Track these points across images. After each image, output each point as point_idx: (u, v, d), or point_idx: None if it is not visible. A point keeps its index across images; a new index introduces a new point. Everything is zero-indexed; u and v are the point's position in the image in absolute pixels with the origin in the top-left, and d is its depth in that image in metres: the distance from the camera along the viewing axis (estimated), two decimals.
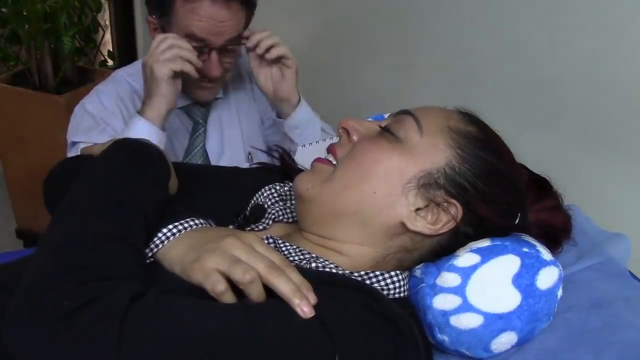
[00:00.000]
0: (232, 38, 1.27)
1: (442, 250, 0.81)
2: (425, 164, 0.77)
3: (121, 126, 1.29)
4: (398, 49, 1.81)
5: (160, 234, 0.73)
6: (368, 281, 0.75)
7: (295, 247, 0.78)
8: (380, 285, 0.76)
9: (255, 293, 0.66)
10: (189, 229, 0.74)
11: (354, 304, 0.68)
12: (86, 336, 0.58)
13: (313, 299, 0.65)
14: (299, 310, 0.63)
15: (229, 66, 1.33)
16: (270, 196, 0.91)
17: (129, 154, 0.79)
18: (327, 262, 0.76)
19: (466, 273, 0.78)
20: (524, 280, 0.78)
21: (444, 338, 0.80)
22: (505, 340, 0.80)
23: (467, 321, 0.78)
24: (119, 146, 0.80)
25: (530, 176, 0.90)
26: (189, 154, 1.42)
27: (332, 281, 0.72)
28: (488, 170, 0.79)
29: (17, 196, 2.24)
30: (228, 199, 0.91)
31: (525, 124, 1.48)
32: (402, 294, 0.78)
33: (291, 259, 0.77)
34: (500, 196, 0.79)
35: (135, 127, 1.17)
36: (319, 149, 1.21)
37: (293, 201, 0.91)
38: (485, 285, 0.78)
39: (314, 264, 0.75)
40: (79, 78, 2.17)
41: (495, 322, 0.78)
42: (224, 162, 1.42)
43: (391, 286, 0.76)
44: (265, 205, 0.90)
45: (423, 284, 0.80)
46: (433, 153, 0.78)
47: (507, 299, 0.78)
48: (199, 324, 0.62)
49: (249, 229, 0.86)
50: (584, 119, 1.40)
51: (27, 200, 2.15)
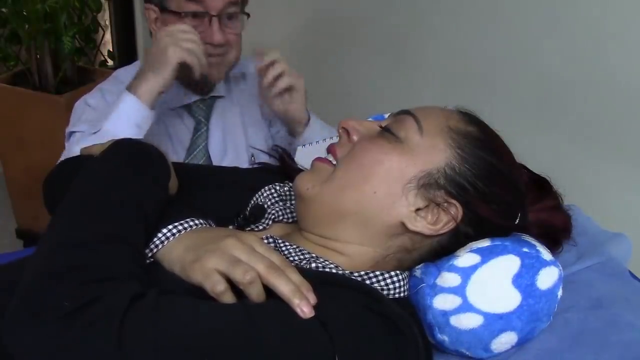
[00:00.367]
0: (230, 2, 1.27)
1: (442, 250, 0.81)
2: (425, 164, 0.77)
3: None
4: (398, 48, 1.81)
5: (160, 234, 0.73)
6: (368, 281, 0.75)
7: (295, 247, 0.78)
8: (380, 286, 0.76)
9: (255, 293, 0.66)
10: (189, 229, 0.74)
11: (353, 304, 0.68)
12: (86, 336, 0.58)
13: (313, 299, 0.65)
14: (298, 310, 0.63)
15: (232, 37, 1.31)
16: (270, 196, 0.91)
17: (128, 154, 0.79)
18: (327, 262, 0.76)
19: (466, 273, 0.78)
20: (524, 281, 0.78)
21: (444, 338, 0.80)
22: (505, 340, 0.79)
23: (467, 321, 0.78)
24: (119, 146, 0.80)
25: (530, 176, 0.90)
26: (191, 153, 1.41)
27: (332, 281, 0.72)
28: (488, 170, 0.79)
29: (17, 196, 2.24)
30: (228, 199, 0.91)
31: (526, 124, 1.48)
32: (402, 294, 0.78)
33: (291, 258, 0.77)
34: (501, 196, 0.79)
35: (123, 103, 1.17)
36: (319, 149, 1.21)
37: (293, 201, 0.91)
38: (486, 285, 0.78)
39: (313, 264, 0.75)
40: (79, 78, 2.17)
41: (496, 322, 0.78)
42: (227, 163, 1.41)
43: (391, 286, 0.76)
44: (265, 206, 0.89)
45: (423, 284, 0.80)
46: (433, 153, 0.78)
47: (507, 299, 0.78)
48: (199, 324, 0.62)
49: (248, 229, 0.86)
50: (585, 120, 1.40)
51: (27, 200, 2.14)
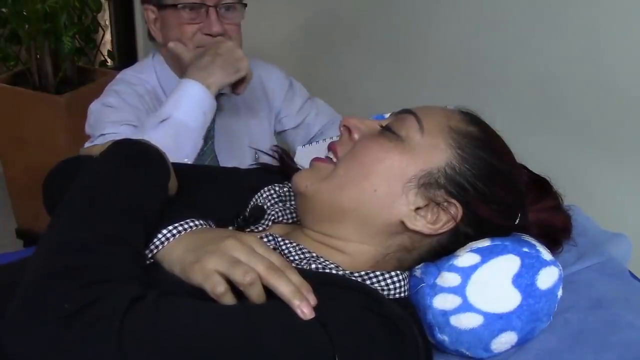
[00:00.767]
0: None
1: (442, 250, 0.81)
2: (425, 163, 0.77)
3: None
4: (398, 48, 1.81)
5: (160, 235, 0.73)
6: (368, 281, 0.75)
7: (295, 245, 0.78)
8: (381, 286, 0.76)
9: (255, 294, 0.66)
10: (189, 230, 0.74)
11: (354, 304, 0.68)
12: (86, 338, 0.58)
13: (313, 300, 0.65)
14: (298, 311, 0.63)
15: (231, 28, 1.31)
16: (270, 197, 0.91)
17: (128, 155, 0.78)
18: (328, 263, 0.76)
19: (466, 273, 0.78)
20: (524, 280, 0.78)
21: (444, 338, 0.80)
22: (505, 340, 0.79)
23: (467, 321, 0.78)
24: (119, 147, 0.80)
25: (530, 176, 0.90)
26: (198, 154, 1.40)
27: (332, 282, 0.72)
28: (488, 170, 0.79)
29: (17, 196, 2.24)
30: (228, 199, 0.90)
31: (526, 124, 1.47)
32: (403, 294, 0.78)
33: (291, 258, 0.77)
34: (500, 196, 0.79)
35: (192, 91, 1.18)
36: (319, 149, 1.21)
37: (293, 202, 0.91)
38: (486, 285, 0.78)
39: (313, 265, 0.75)
40: (79, 78, 2.16)
41: (495, 322, 0.78)
42: (233, 160, 1.39)
43: (391, 286, 0.76)
44: (265, 206, 0.89)
45: (423, 284, 0.80)
46: (434, 153, 0.78)
47: (507, 299, 0.78)
48: (199, 325, 0.62)
49: (248, 230, 0.86)
50: (584, 119, 1.40)
51: (27, 200, 2.14)
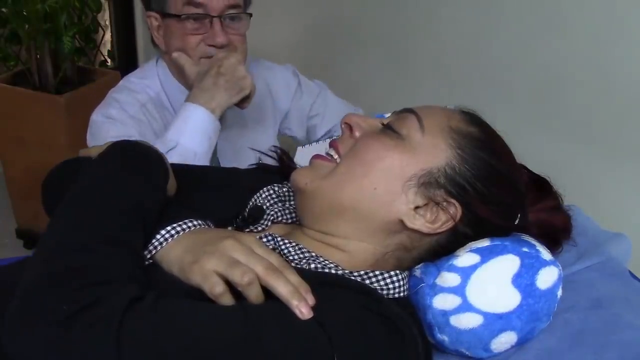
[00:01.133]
0: (232, 5, 1.27)
1: (442, 250, 0.81)
2: (426, 162, 0.77)
3: (151, 135, 1.26)
4: (399, 49, 1.81)
5: (158, 236, 0.73)
6: (367, 281, 0.75)
7: (294, 245, 0.78)
8: (380, 285, 0.76)
9: (254, 295, 0.66)
10: (188, 230, 0.74)
11: (353, 304, 0.68)
12: (85, 339, 0.58)
13: (311, 300, 0.65)
14: (297, 311, 0.63)
15: (236, 38, 1.30)
16: (269, 197, 0.91)
17: (127, 156, 0.78)
18: (327, 262, 0.76)
19: (466, 273, 0.78)
20: (523, 280, 0.78)
21: (444, 338, 0.80)
22: (505, 340, 0.79)
23: (467, 321, 0.78)
24: (117, 148, 0.80)
25: (530, 176, 0.90)
26: None
27: (331, 282, 0.72)
28: (488, 171, 0.79)
29: (17, 196, 2.24)
30: (227, 199, 0.90)
31: (526, 124, 1.47)
32: (402, 294, 0.78)
33: (290, 257, 0.77)
34: (500, 197, 0.79)
35: (196, 117, 1.19)
36: (319, 149, 1.21)
37: (292, 202, 0.91)
38: (485, 285, 0.78)
39: (312, 265, 0.75)
40: (79, 78, 2.16)
41: (495, 322, 0.78)
42: (236, 165, 1.39)
43: (390, 286, 0.76)
44: (264, 207, 0.89)
45: (423, 284, 0.80)
46: (434, 152, 0.78)
47: (507, 299, 0.78)
48: (197, 326, 0.62)
49: (247, 230, 0.86)
50: (584, 119, 1.40)
51: (27, 200, 2.14)
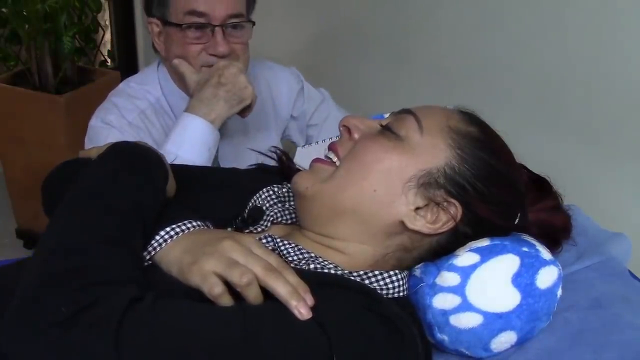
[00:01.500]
0: (234, 14, 1.26)
1: (442, 249, 0.81)
2: (425, 163, 0.77)
3: (149, 143, 1.26)
4: (397, 48, 1.81)
5: (158, 237, 0.73)
6: (367, 281, 0.75)
7: (294, 246, 0.78)
8: (380, 285, 0.76)
9: (253, 295, 0.66)
10: (187, 231, 0.74)
11: (352, 304, 0.68)
12: (84, 341, 0.58)
13: (310, 300, 0.65)
14: (296, 312, 0.63)
15: (238, 47, 1.29)
16: (269, 198, 0.91)
17: (126, 157, 0.78)
18: (326, 263, 0.76)
19: (466, 272, 0.78)
20: (523, 280, 0.78)
21: (444, 337, 0.80)
22: (504, 339, 0.79)
23: (467, 320, 0.78)
24: (117, 149, 0.80)
25: (530, 176, 0.90)
26: None
27: (331, 282, 0.72)
28: (487, 171, 0.79)
29: (17, 196, 2.24)
30: (226, 200, 0.90)
31: (526, 124, 1.47)
32: (402, 294, 0.78)
33: (290, 258, 0.77)
34: (500, 197, 0.79)
35: (195, 129, 1.19)
36: (319, 150, 1.21)
37: (292, 202, 0.91)
38: (485, 284, 0.78)
39: (312, 265, 0.75)
40: (79, 78, 2.16)
41: (495, 322, 0.78)
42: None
43: (390, 286, 0.76)
44: (264, 207, 0.89)
45: (423, 284, 0.80)
46: (433, 153, 0.78)
47: (507, 299, 0.78)
48: (197, 327, 0.62)
49: (247, 231, 0.86)
50: (584, 119, 1.40)
51: (27, 200, 2.14)
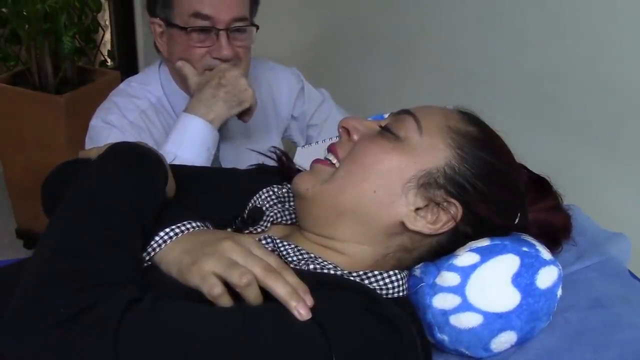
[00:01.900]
0: (239, 18, 1.26)
1: (442, 249, 0.81)
2: (425, 163, 0.77)
3: (150, 142, 1.25)
4: (397, 49, 1.81)
5: (157, 237, 0.73)
6: (366, 281, 0.75)
7: (294, 247, 0.78)
8: (379, 285, 0.76)
9: (252, 296, 0.66)
10: (187, 231, 0.74)
11: (351, 305, 0.68)
12: (83, 342, 0.58)
13: (310, 301, 0.65)
14: (295, 312, 0.63)
15: (241, 51, 1.29)
16: (269, 198, 0.91)
17: (126, 158, 0.78)
18: (326, 263, 0.76)
19: (466, 272, 0.78)
20: (523, 280, 0.78)
21: (444, 337, 0.80)
22: (504, 339, 0.80)
23: (467, 320, 0.78)
24: (116, 150, 0.79)
25: (530, 176, 0.90)
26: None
27: (330, 282, 0.72)
28: (487, 170, 0.79)
29: (17, 196, 2.24)
30: (226, 201, 0.90)
31: (525, 124, 1.47)
32: (401, 294, 0.78)
33: (290, 259, 0.77)
34: (500, 196, 0.79)
35: (195, 129, 1.20)
36: (318, 150, 1.21)
37: (292, 203, 0.91)
38: (485, 284, 0.78)
39: (311, 265, 0.75)
40: (79, 78, 2.16)
41: (495, 322, 0.78)
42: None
43: (390, 286, 0.76)
44: (264, 208, 0.89)
45: (422, 284, 0.80)
46: (433, 153, 0.78)
47: (507, 299, 0.78)
48: (196, 328, 0.61)
49: (247, 231, 0.86)
50: (584, 119, 1.40)
51: (27, 200, 2.14)
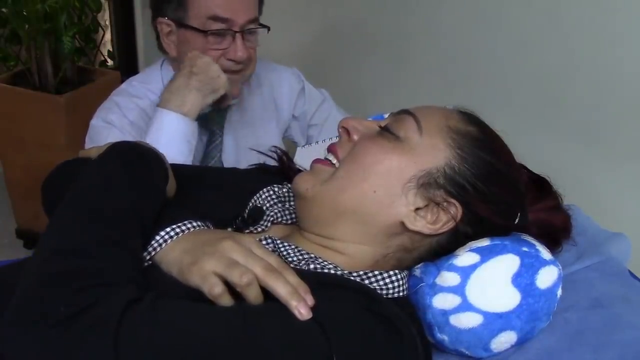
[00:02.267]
0: (252, 20, 1.28)
1: (442, 249, 0.81)
2: (424, 163, 0.77)
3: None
4: (397, 49, 1.81)
5: (158, 237, 0.73)
6: (367, 281, 0.75)
7: (294, 247, 0.78)
8: (379, 285, 0.76)
9: (253, 295, 0.66)
10: (187, 231, 0.74)
11: (352, 305, 0.68)
12: (83, 342, 0.58)
13: (310, 300, 0.65)
14: (296, 312, 0.63)
15: (252, 52, 1.31)
16: (269, 198, 0.91)
17: (126, 157, 0.78)
18: (326, 263, 0.76)
19: (466, 272, 0.78)
20: (523, 280, 0.78)
21: (444, 337, 0.80)
22: (504, 339, 0.80)
23: (467, 320, 0.78)
24: (116, 149, 0.79)
25: (530, 176, 0.90)
26: (206, 165, 1.37)
27: (331, 282, 0.72)
28: (487, 170, 0.79)
29: (17, 196, 2.24)
30: (226, 200, 0.90)
31: (525, 124, 1.47)
32: (402, 294, 0.78)
33: (290, 259, 0.77)
34: (500, 196, 0.79)
35: (171, 123, 1.19)
36: (319, 150, 1.21)
37: (292, 202, 0.91)
38: (485, 284, 0.78)
39: (312, 265, 0.75)
40: (79, 78, 2.16)
41: (495, 322, 0.78)
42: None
43: (390, 286, 0.76)
44: (264, 207, 0.89)
45: (422, 284, 0.80)
46: (433, 153, 0.78)
47: (507, 299, 0.78)
48: (196, 327, 0.62)
49: (247, 231, 0.86)
50: (584, 119, 1.40)
51: (27, 200, 2.14)
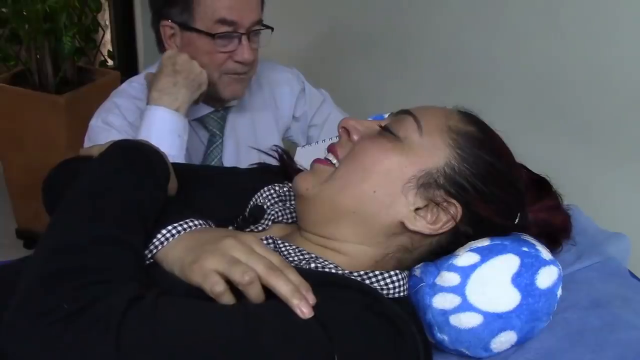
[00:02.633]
0: (257, 21, 1.29)
1: (442, 249, 0.81)
2: (424, 163, 0.77)
3: None
4: (397, 49, 1.81)
5: (159, 235, 0.73)
6: (367, 281, 0.75)
7: (294, 247, 0.78)
8: (380, 285, 0.76)
9: (254, 294, 0.66)
10: (188, 230, 0.74)
11: (353, 304, 0.68)
12: (84, 339, 0.58)
13: (312, 299, 0.65)
14: (297, 310, 0.63)
15: (256, 54, 1.32)
16: (270, 197, 0.91)
17: (127, 156, 0.78)
18: (327, 262, 0.76)
19: (466, 272, 0.78)
20: (523, 280, 0.78)
21: (444, 337, 0.80)
22: (504, 339, 0.80)
23: (467, 320, 0.78)
24: (118, 147, 0.80)
25: (530, 176, 0.90)
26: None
27: (332, 281, 0.72)
28: (487, 170, 0.79)
29: (17, 196, 2.24)
30: (227, 199, 0.91)
31: (525, 124, 1.47)
32: (402, 294, 0.78)
33: (290, 259, 0.77)
34: (500, 196, 0.79)
35: (162, 119, 1.19)
36: (319, 150, 1.21)
37: (293, 202, 0.91)
38: (485, 284, 0.78)
39: (313, 264, 0.75)
40: (79, 78, 2.16)
41: (495, 322, 0.78)
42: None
43: (390, 286, 0.76)
44: (265, 206, 0.89)
45: (423, 284, 0.80)
46: (433, 153, 0.78)
47: (507, 298, 0.78)
48: (198, 325, 0.62)
49: (248, 230, 0.86)
50: (584, 119, 1.40)
51: (27, 200, 2.14)
